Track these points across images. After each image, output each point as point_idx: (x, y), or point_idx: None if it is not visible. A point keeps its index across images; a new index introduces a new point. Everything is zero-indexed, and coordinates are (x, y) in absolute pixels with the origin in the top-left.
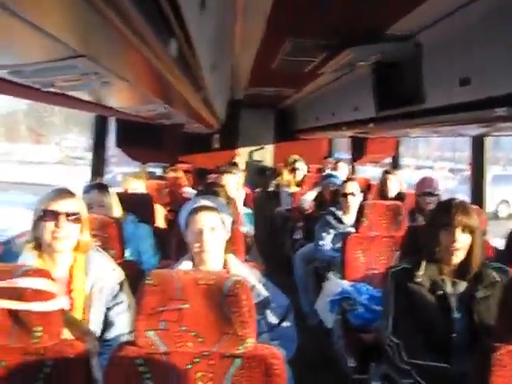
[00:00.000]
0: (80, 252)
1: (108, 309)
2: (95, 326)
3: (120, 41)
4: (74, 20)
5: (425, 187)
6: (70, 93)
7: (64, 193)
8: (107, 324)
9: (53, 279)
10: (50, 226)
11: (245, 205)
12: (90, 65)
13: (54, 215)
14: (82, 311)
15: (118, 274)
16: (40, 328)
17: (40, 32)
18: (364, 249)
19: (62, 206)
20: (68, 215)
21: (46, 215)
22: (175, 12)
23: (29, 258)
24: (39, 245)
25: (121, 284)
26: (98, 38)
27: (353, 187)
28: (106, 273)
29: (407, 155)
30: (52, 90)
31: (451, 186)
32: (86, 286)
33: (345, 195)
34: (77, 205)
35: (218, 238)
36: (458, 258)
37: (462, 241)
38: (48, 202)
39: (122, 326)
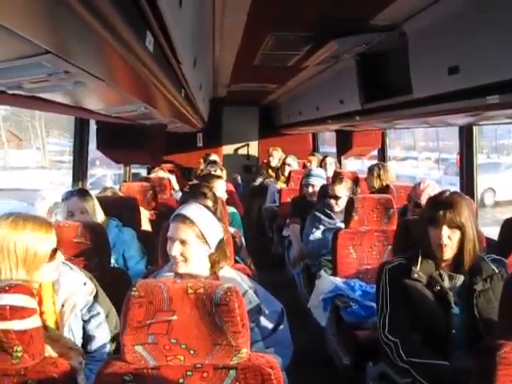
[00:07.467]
0: None
1: (85, 322)
2: None
3: (91, 36)
4: (37, 13)
5: (413, 195)
6: (43, 95)
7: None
8: (88, 338)
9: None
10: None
11: (229, 204)
12: (58, 62)
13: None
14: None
15: (90, 288)
16: (20, 348)
17: None
18: (355, 244)
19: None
20: None
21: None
22: (152, 5)
23: None
24: None
25: (95, 296)
26: (65, 33)
27: (341, 190)
28: (76, 289)
29: (391, 146)
30: (22, 92)
31: (436, 176)
32: (57, 304)
33: (334, 197)
34: None
35: (190, 252)
36: (447, 253)
37: (449, 237)
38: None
39: (102, 337)
